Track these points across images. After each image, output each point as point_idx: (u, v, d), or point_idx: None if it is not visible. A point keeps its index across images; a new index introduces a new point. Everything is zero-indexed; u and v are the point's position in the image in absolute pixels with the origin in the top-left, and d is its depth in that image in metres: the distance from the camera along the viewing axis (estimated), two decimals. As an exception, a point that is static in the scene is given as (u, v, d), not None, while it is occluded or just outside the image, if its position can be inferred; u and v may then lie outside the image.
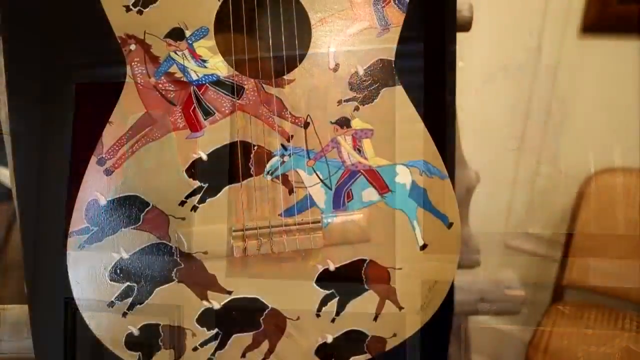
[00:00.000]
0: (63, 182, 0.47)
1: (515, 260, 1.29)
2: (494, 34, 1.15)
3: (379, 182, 0.46)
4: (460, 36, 0.60)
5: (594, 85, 1.10)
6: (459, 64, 0.57)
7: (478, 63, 1.17)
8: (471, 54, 1.16)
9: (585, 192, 1.12)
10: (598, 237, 1.09)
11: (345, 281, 0.47)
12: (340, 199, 0.45)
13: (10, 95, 0.48)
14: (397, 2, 0.46)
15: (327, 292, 0.47)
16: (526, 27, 1.11)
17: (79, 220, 0.42)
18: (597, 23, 1.07)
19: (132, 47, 0.41)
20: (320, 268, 0.46)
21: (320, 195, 0.45)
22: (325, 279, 0.46)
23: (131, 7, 0.41)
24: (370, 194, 0.46)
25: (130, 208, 0.42)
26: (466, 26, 0.60)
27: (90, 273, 0.43)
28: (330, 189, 0.45)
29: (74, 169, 0.44)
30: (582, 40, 1.10)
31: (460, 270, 0.65)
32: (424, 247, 0.48)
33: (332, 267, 0.46)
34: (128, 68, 0.42)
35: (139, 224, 0.43)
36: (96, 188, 0.42)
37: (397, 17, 0.46)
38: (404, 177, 0.47)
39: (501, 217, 1.28)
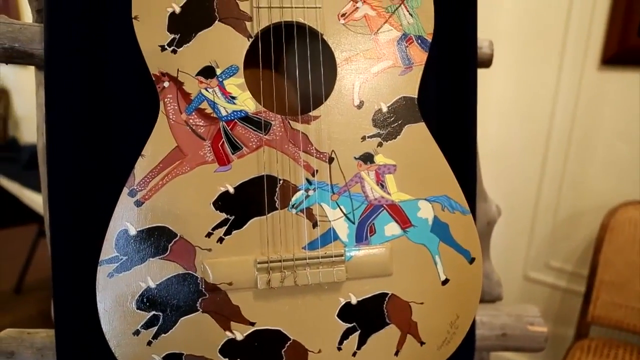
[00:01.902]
0: (94, 212, 0.48)
1: (537, 294, 1.27)
2: (514, 69, 1.16)
3: (402, 216, 0.47)
4: (481, 72, 0.61)
5: (615, 116, 1.10)
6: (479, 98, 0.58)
7: (499, 96, 1.18)
8: (492, 88, 1.17)
9: (608, 225, 1.10)
10: (623, 270, 1.07)
11: (367, 315, 0.47)
12: (363, 233, 0.46)
13: (48, 125, 0.50)
14: (419, 41, 0.47)
15: (349, 325, 0.47)
16: (546, 61, 1.12)
17: (109, 250, 0.44)
18: (616, 55, 1.08)
19: (166, 84, 0.43)
20: (343, 301, 0.46)
21: (343, 229, 0.46)
22: (347, 312, 0.47)
23: (166, 46, 0.43)
24: (392, 228, 0.47)
25: (159, 238, 0.43)
26: (487, 62, 0.61)
27: (117, 301, 0.44)
28: (354, 223, 0.46)
29: (106, 199, 0.45)
30: (602, 73, 1.10)
31: (482, 304, 0.65)
32: (445, 282, 0.48)
33: (354, 301, 0.47)
34: (161, 104, 0.43)
35: (167, 254, 0.44)
36: (127, 218, 0.43)
37: (419, 56, 0.47)
38: (426, 212, 0.47)
39: (522, 250, 1.27)
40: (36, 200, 1.43)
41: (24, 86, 2.34)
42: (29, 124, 2.45)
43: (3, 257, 1.98)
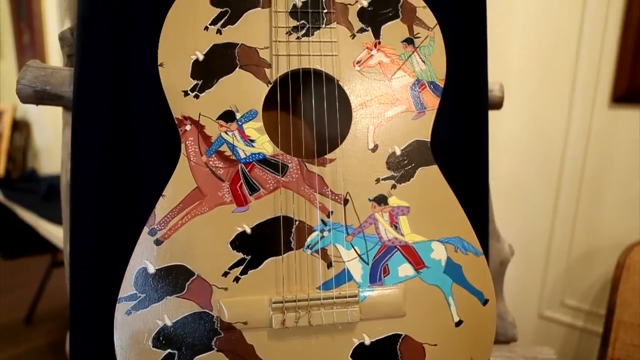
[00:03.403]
0: (115, 250, 0.50)
1: (553, 333, 1.24)
2: (525, 108, 1.17)
3: (415, 258, 0.47)
4: (492, 111, 0.63)
5: (627, 154, 1.10)
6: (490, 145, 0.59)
7: (510, 135, 1.19)
8: (503, 127, 1.18)
9: (624, 264, 1.08)
10: (641, 312, 1.04)
11: (380, 356, 0.47)
12: (377, 273, 0.47)
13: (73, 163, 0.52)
14: (432, 87, 0.49)
15: (362, 366, 0.47)
16: (556, 99, 1.14)
17: (127, 287, 0.45)
18: (626, 94, 1.09)
19: (188, 127, 0.45)
20: (356, 342, 0.46)
21: (357, 269, 0.46)
22: (360, 352, 0.47)
23: (189, 91, 0.46)
24: (406, 269, 0.47)
25: (177, 277, 0.44)
26: (498, 105, 0.63)
27: (134, 339, 0.45)
28: (367, 264, 0.46)
29: (126, 237, 0.47)
30: (612, 111, 1.11)
31: (496, 345, 0.64)
32: (459, 323, 0.48)
33: (367, 342, 0.47)
34: (183, 146, 0.45)
35: (184, 292, 0.45)
36: (146, 257, 0.45)
37: (432, 100, 0.49)
38: (439, 253, 0.48)
39: (536, 288, 1.25)
40: (52, 231, 1.45)
41: (45, 118, 2.41)
42: (48, 155, 2.51)
43: (15, 287, 1.99)
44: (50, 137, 2.43)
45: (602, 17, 1.06)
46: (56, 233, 1.43)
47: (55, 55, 2.19)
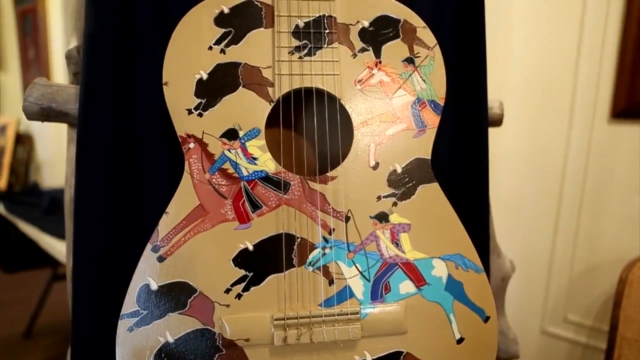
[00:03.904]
0: (118, 267, 0.50)
1: (555, 349, 1.24)
2: (525, 123, 1.18)
3: (416, 275, 0.48)
4: (492, 129, 0.63)
5: (628, 169, 1.10)
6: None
7: (510, 151, 1.20)
8: (503, 143, 1.19)
9: (627, 279, 1.08)
10: (644, 328, 1.04)
11: (381, 374, 0.47)
12: (378, 290, 0.47)
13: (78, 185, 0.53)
14: (432, 105, 0.50)
15: (364, 384, 0.47)
16: (556, 115, 1.15)
17: (130, 304, 0.45)
18: (626, 109, 1.10)
19: (191, 145, 0.46)
20: (358, 359, 0.46)
21: (359, 286, 0.46)
22: (362, 370, 0.47)
23: (193, 110, 0.46)
24: (407, 286, 0.47)
25: (179, 294, 0.45)
26: (497, 122, 0.63)
27: (136, 355, 0.45)
28: (369, 281, 0.47)
29: (129, 254, 0.47)
30: (612, 126, 1.12)
31: (497, 362, 0.64)
32: (460, 340, 0.48)
33: (369, 359, 0.47)
34: (186, 164, 0.46)
35: (186, 309, 0.45)
36: (149, 273, 0.45)
37: (432, 119, 0.49)
38: (440, 270, 0.48)
39: (539, 304, 1.25)
40: (54, 245, 1.45)
41: (48, 132, 2.43)
42: (51, 168, 2.52)
43: (15, 301, 1.99)
44: (53, 150, 2.45)
45: (600, 34, 1.07)
46: (58, 247, 1.43)
47: (59, 71, 2.22)
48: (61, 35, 2.13)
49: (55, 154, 2.43)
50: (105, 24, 0.52)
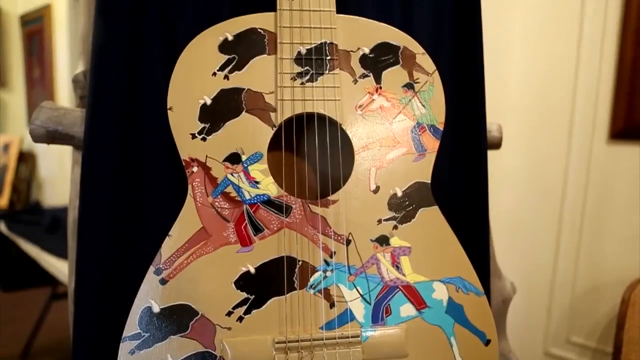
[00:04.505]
0: (121, 289, 0.50)
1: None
2: (524, 144, 1.19)
3: (417, 298, 0.48)
4: (492, 151, 0.64)
5: (627, 189, 1.11)
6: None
7: (510, 171, 1.20)
8: (503, 163, 1.20)
9: (630, 300, 1.07)
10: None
11: (382, 397, 0.47)
12: (379, 313, 0.47)
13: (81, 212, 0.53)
14: (432, 130, 0.50)
15: (365, 408, 0.46)
16: (555, 136, 1.16)
17: (132, 326, 0.45)
18: (624, 130, 1.11)
19: (195, 169, 0.47)
20: (358, 383, 0.46)
21: (360, 309, 0.47)
22: (363, 394, 0.46)
23: (197, 134, 0.47)
24: (408, 309, 0.48)
25: (181, 316, 0.45)
26: (496, 145, 0.64)
27: (137, 379, 0.45)
28: (370, 304, 0.47)
29: (132, 276, 0.47)
30: (611, 147, 1.12)
31: (499, 386, 0.63)
32: (461, 364, 0.48)
33: (370, 382, 0.47)
34: (189, 187, 0.47)
35: (187, 332, 0.45)
36: (151, 296, 0.45)
37: (432, 143, 0.50)
38: (440, 293, 0.48)
39: (541, 325, 1.24)
40: (54, 264, 1.45)
41: (51, 150, 2.44)
42: (52, 186, 2.53)
43: (12, 320, 1.97)
44: (55, 168, 2.46)
45: (597, 55, 1.09)
46: (58, 266, 1.43)
47: (63, 90, 2.24)
48: (66, 55, 2.17)
49: (57, 173, 2.45)
50: (112, 50, 0.53)
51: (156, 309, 0.45)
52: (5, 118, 2.84)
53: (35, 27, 2.43)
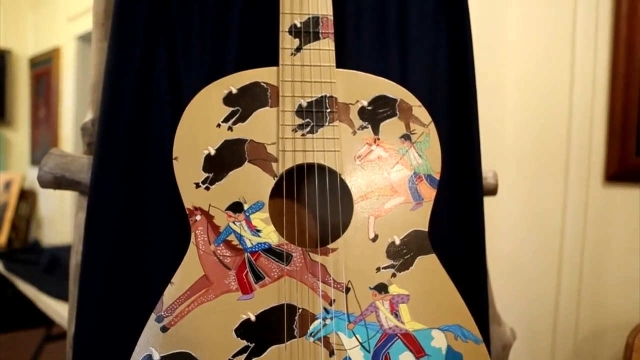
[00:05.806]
0: (121, 336, 0.50)
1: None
2: (521, 188, 1.21)
3: (416, 346, 0.48)
4: (488, 198, 0.65)
5: (626, 231, 1.11)
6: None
7: (508, 215, 1.21)
8: (500, 207, 1.21)
9: (634, 344, 1.06)
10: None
11: None
12: (378, 362, 0.47)
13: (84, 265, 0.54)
14: (428, 180, 0.52)
15: None
16: (551, 179, 1.17)
17: (131, 375, 0.45)
18: (618, 172, 1.12)
19: (198, 217, 0.48)
20: None
21: (359, 357, 0.47)
22: None
23: (200, 184, 0.49)
24: (407, 357, 0.48)
25: (181, 365, 0.45)
26: (492, 191, 0.66)
27: None
28: (369, 352, 0.47)
29: (133, 324, 0.48)
30: (607, 189, 1.14)
31: None
32: (462, 414, 0.48)
33: None
34: (192, 235, 0.48)
35: (187, 380, 0.45)
36: (152, 343, 0.45)
37: (429, 192, 0.52)
38: (439, 341, 0.48)
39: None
40: (51, 305, 1.44)
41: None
42: (52, 225, 2.53)
43: (6, 362, 1.93)
44: (55, 207, 2.47)
45: (589, 100, 1.12)
46: (54, 307, 1.41)
47: (67, 129, 2.28)
48: (72, 96, 2.22)
49: (57, 211, 2.45)
50: (120, 100, 0.55)
51: (156, 356, 0.45)
52: (8, 156, 2.88)
53: (44, 69, 2.50)
